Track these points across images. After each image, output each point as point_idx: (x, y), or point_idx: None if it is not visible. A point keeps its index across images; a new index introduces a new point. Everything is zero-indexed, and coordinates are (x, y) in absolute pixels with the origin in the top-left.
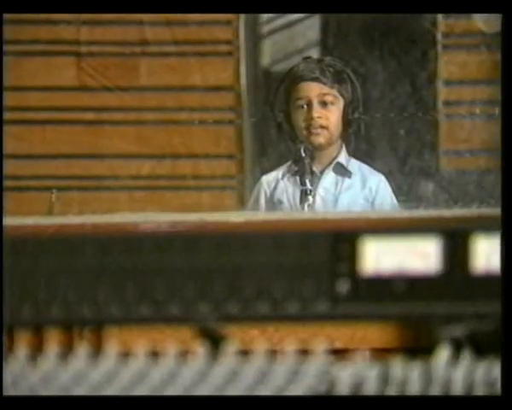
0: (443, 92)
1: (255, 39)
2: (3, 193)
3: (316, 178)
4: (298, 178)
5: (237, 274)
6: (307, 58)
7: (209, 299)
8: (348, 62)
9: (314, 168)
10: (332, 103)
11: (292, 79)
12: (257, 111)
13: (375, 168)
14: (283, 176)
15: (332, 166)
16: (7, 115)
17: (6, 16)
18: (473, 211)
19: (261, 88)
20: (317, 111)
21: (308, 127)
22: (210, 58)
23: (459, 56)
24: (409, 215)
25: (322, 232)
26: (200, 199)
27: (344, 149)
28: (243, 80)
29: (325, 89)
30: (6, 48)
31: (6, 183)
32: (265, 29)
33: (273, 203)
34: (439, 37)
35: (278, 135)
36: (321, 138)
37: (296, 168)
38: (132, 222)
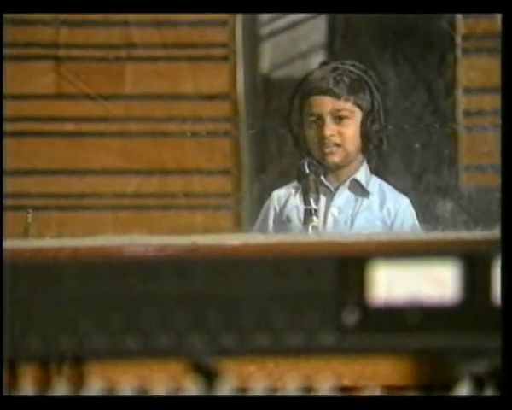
0: (463, 101)
1: (254, 42)
2: None
3: (329, 195)
4: (302, 196)
5: (234, 303)
6: (324, 64)
7: (202, 330)
8: (368, 68)
9: (328, 184)
10: (347, 117)
11: (304, 91)
12: (256, 122)
13: (396, 188)
14: (296, 192)
15: (348, 183)
16: None
17: None
18: (495, 233)
19: (260, 96)
20: (330, 128)
21: (321, 146)
22: (203, 63)
23: (481, 61)
24: (424, 238)
25: (328, 256)
26: (193, 220)
27: (365, 165)
28: (240, 87)
29: (339, 103)
30: None
31: None
32: (265, 30)
33: (282, 221)
34: (458, 39)
35: (295, 149)
36: (335, 157)
37: (300, 186)
38: (117, 245)
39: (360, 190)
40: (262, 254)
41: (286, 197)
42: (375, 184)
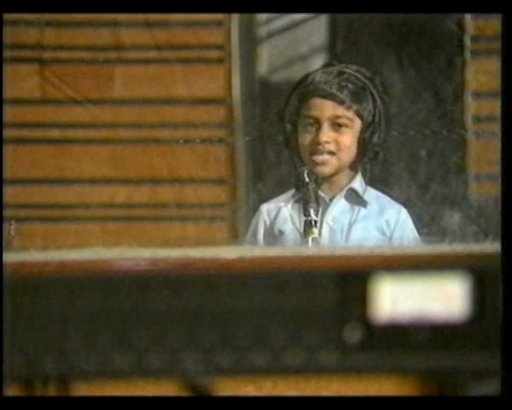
0: (472, 106)
1: (251, 44)
2: None
3: (324, 205)
4: (301, 206)
5: (229, 320)
6: (328, 66)
7: (196, 349)
8: (374, 75)
9: (322, 194)
10: (346, 126)
11: (303, 92)
12: (253, 128)
13: (394, 198)
14: (287, 203)
15: (344, 192)
16: None
17: None
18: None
19: (257, 101)
20: (327, 134)
21: (314, 152)
22: (197, 65)
23: (491, 63)
24: (431, 251)
25: (330, 271)
26: (186, 231)
27: (360, 175)
28: (236, 92)
29: (340, 110)
30: None
31: None
32: (263, 32)
33: (273, 235)
34: (467, 41)
35: (286, 149)
36: (327, 167)
37: (299, 195)
38: (105, 259)
39: (357, 200)
40: (259, 268)
41: (276, 210)
42: (371, 195)
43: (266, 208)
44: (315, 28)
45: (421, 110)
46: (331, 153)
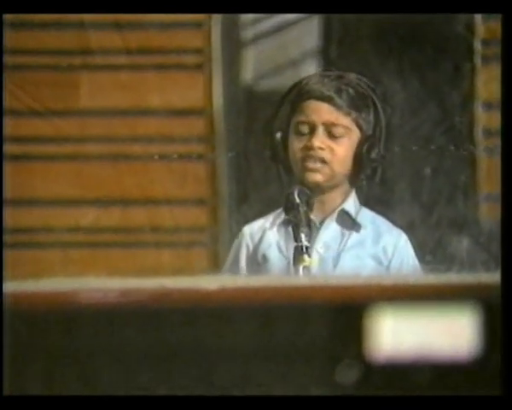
0: (482, 118)
1: (234, 47)
2: None
3: (314, 230)
4: (291, 230)
5: (210, 358)
6: (326, 70)
7: (173, 388)
8: (376, 85)
9: (312, 217)
10: (343, 135)
11: (297, 95)
12: (236, 142)
13: (393, 222)
14: (272, 226)
15: (335, 214)
16: None
17: None
18: None
19: (242, 112)
20: (321, 140)
21: (305, 159)
22: (173, 72)
23: None
24: (436, 281)
25: (323, 303)
26: (161, 259)
27: (353, 194)
28: (218, 101)
29: (337, 115)
30: None
31: None
32: (248, 34)
33: (257, 262)
34: (477, 45)
35: (273, 165)
36: (318, 176)
37: (288, 218)
38: (69, 290)
39: (350, 223)
40: (243, 299)
41: (260, 233)
42: (366, 217)
43: (249, 231)
44: (307, 30)
45: (425, 123)
46: (324, 162)
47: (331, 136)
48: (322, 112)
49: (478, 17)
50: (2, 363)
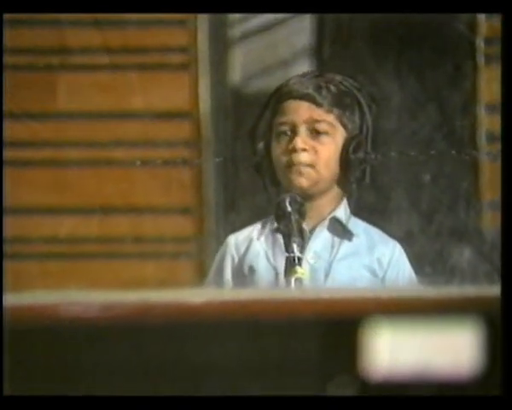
0: (485, 121)
1: (221, 47)
2: None
3: (304, 238)
4: (281, 240)
5: (196, 374)
6: (308, 73)
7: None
8: (362, 82)
9: (303, 225)
10: (326, 133)
11: (277, 98)
12: (224, 147)
13: (389, 231)
14: (259, 235)
15: (327, 222)
16: None
17: None
18: None
19: (229, 115)
20: (303, 141)
21: (288, 163)
22: (157, 72)
23: None
24: (436, 294)
25: (315, 317)
26: (144, 271)
27: (345, 202)
28: (204, 104)
29: (318, 112)
30: None
31: None
32: (236, 32)
33: (242, 273)
34: (479, 44)
35: (258, 176)
36: (303, 179)
37: (279, 227)
38: (47, 304)
39: (342, 232)
40: (231, 314)
41: (247, 243)
42: (358, 226)
43: (234, 241)
44: (298, 28)
45: (425, 126)
46: (308, 164)
47: (314, 136)
48: (302, 110)
49: (481, 15)
50: (2, 363)
